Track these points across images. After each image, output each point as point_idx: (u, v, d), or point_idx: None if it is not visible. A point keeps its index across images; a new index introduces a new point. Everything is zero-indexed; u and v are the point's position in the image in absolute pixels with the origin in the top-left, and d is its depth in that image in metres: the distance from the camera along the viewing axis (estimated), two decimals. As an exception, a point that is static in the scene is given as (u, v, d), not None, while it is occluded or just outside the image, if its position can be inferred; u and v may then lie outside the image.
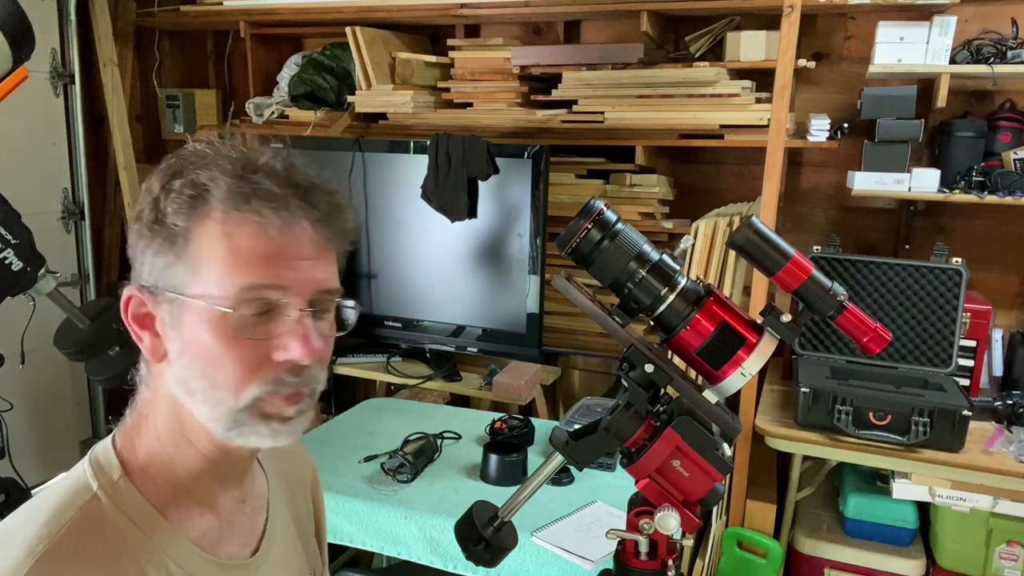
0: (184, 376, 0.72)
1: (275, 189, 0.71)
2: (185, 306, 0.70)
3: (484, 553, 0.93)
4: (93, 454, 0.77)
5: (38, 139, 2.85)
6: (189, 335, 0.71)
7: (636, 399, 0.87)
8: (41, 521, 0.69)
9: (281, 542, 0.88)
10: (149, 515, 0.74)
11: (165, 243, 0.70)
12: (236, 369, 0.70)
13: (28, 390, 2.77)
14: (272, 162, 0.73)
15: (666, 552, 0.89)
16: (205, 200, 0.70)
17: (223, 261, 0.69)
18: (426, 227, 2.46)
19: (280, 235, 0.70)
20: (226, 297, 0.69)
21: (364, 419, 2.21)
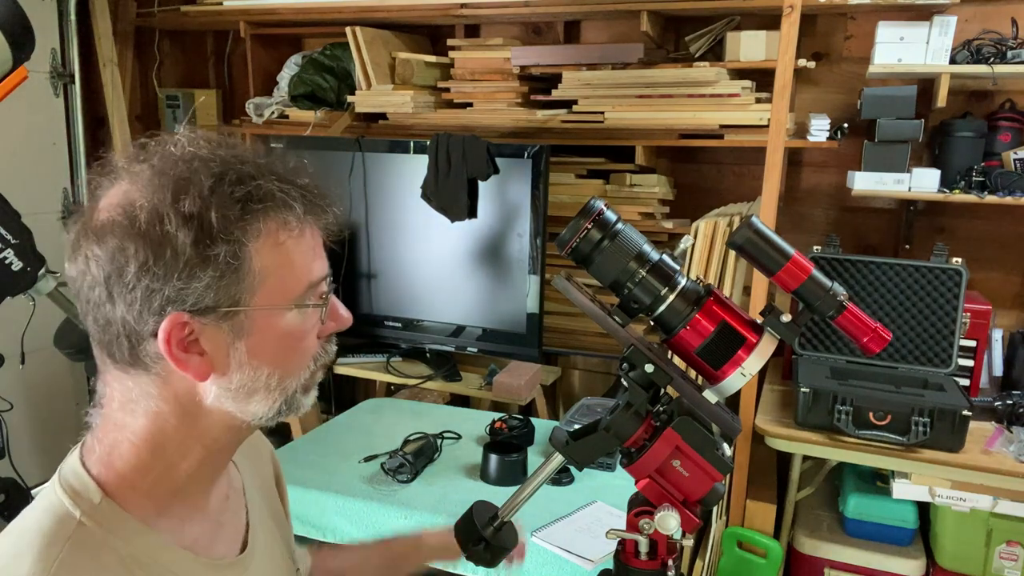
0: (247, 382, 0.72)
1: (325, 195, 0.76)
2: (251, 316, 0.71)
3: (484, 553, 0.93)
4: (63, 480, 0.74)
5: (38, 139, 2.85)
6: (258, 342, 0.72)
7: (636, 399, 0.87)
8: (32, 559, 0.67)
9: (262, 529, 0.89)
10: (139, 531, 0.73)
11: (229, 262, 0.68)
12: (306, 356, 0.76)
13: (28, 390, 2.76)
14: (297, 167, 0.76)
15: (666, 552, 0.89)
16: (271, 211, 0.70)
17: (289, 266, 0.72)
18: (426, 227, 2.46)
19: (314, 233, 0.76)
20: (295, 298, 0.73)
21: (364, 419, 2.21)
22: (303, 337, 0.75)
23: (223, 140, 0.74)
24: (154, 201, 0.67)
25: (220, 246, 0.67)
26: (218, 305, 0.69)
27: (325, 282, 0.77)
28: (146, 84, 3.18)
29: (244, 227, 0.68)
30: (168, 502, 0.76)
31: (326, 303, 0.77)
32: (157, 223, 0.66)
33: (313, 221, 0.75)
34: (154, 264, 0.66)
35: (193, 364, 0.70)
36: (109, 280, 0.67)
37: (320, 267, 0.76)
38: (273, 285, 0.71)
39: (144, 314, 0.68)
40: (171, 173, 0.68)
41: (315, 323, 0.76)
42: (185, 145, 0.71)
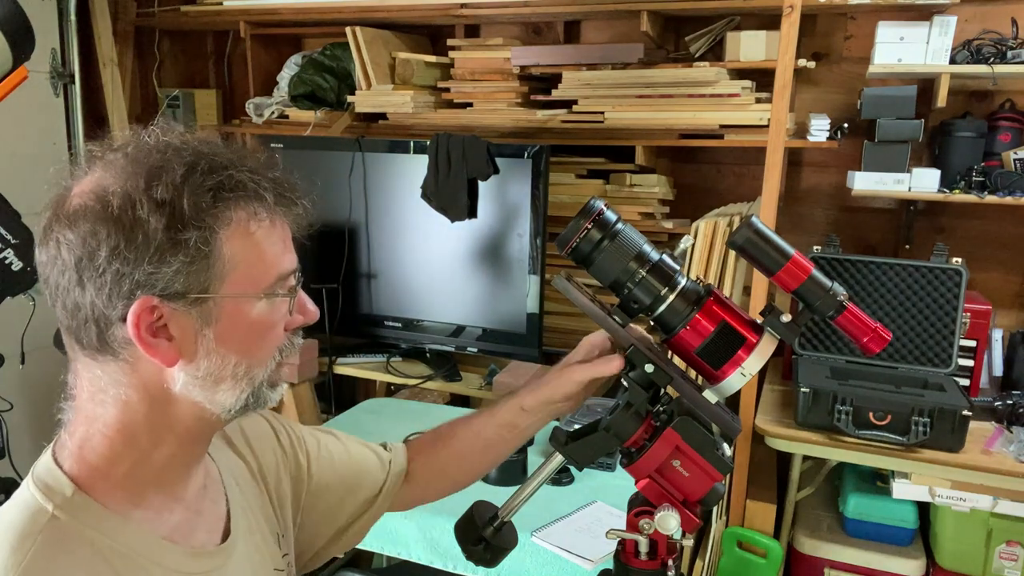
0: (213, 369, 0.73)
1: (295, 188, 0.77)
2: (220, 303, 0.72)
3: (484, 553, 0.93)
4: (36, 477, 0.75)
5: (38, 139, 2.85)
6: (226, 329, 0.73)
7: (636, 399, 0.87)
8: (3, 554, 0.68)
9: (243, 518, 0.89)
10: (115, 523, 0.73)
11: (199, 248, 0.69)
12: (272, 346, 0.77)
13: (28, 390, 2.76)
14: (268, 160, 0.77)
15: (666, 552, 0.89)
16: (242, 200, 0.72)
17: (259, 256, 0.74)
18: (426, 227, 2.46)
19: (284, 226, 0.77)
20: (265, 287, 0.75)
21: (364, 419, 2.22)
22: (270, 327, 0.76)
23: (197, 135, 0.76)
24: (127, 187, 0.68)
25: (191, 232, 0.68)
26: (188, 291, 0.70)
27: (294, 275, 0.78)
28: (146, 84, 3.18)
29: (215, 214, 0.70)
30: (143, 492, 0.76)
31: (294, 295, 0.78)
32: (129, 208, 0.67)
33: (283, 213, 0.76)
34: (125, 248, 0.67)
35: (161, 349, 0.71)
36: (80, 264, 0.68)
37: (289, 260, 0.77)
38: (242, 274, 0.73)
39: (114, 298, 0.69)
40: (145, 161, 0.70)
41: (283, 315, 0.78)
42: (159, 135, 0.74)
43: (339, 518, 1.03)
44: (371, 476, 1.06)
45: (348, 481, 1.04)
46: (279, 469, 0.98)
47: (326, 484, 1.02)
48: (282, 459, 0.99)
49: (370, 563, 2.26)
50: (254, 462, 0.96)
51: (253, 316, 0.74)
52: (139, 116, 3.18)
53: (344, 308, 2.59)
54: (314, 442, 1.04)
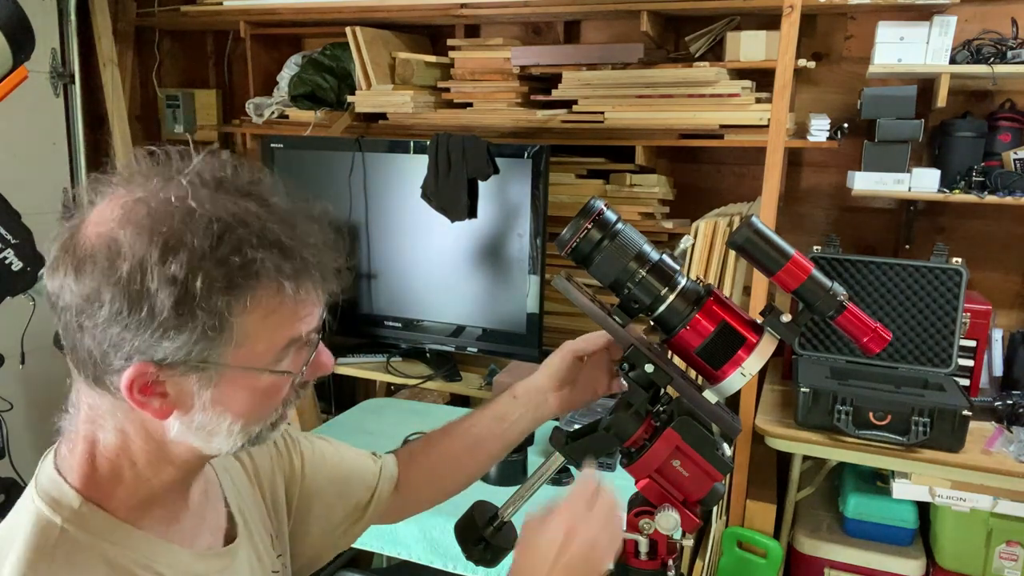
0: (206, 423, 0.72)
1: (319, 261, 0.72)
2: (221, 371, 0.69)
3: (484, 553, 0.93)
4: (40, 489, 0.74)
5: (38, 139, 2.85)
6: (226, 393, 0.71)
7: (636, 399, 0.87)
8: (21, 571, 0.67)
9: (242, 520, 0.89)
10: (123, 531, 0.74)
11: (207, 329, 0.66)
12: (275, 405, 0.75)
13: (28, 390, 2.76)
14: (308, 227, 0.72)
15: (666, 552, 0.89)
16: (260, 285, 0.67)
17: (272, 330, 0.70)
18: (426, 227, 2.46)
19: (310, 295, 0.73)
20: (272, 355, 0.71)
21: (364, 419, 2.22)
22: (276, 392, 0.74)
23: (236, 183, 0.70)
24: (141, 254, 0.64)
25: (200, 314, 0.65)
26: (188, 360, 0.67)
27: (313, 333, 0.75)
28: (146, 84, 3.18)
29: (230, 300, 0.66)
30: (148, 505, 0.76)
31: (310, 352, 0.75)
32: (139, 277, 0.64)
33: (309, 288, 0.72)
34: (128, 316, 0.64)
35: (153, 406, 0.70)
36: (81, 313, 0.66)
37: (307, 324, 0.73)
38: (250, 349, 0.70)
39: (110, 355, 0.67)
40: (166, 225, 0.65)
41: (290, 377, 0.74)
42: (188, 191, 0.67)
43: (331, 520, 1.03)
44: (363, 481, 1.05)
45: (340, 485, 1.04)
46: (274, 470, 0.99)
47: (319, 486, 1.02)
48: (276, 460, 0.99)
49: (370, 563, 2.26)
50: (250, 463, 0.96)
51: (256, 384, 0.72)
52: (139, 116, 3.19)
53: (344, 308, 2.59)
54: (308, 444, 1.04)
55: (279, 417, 0.77)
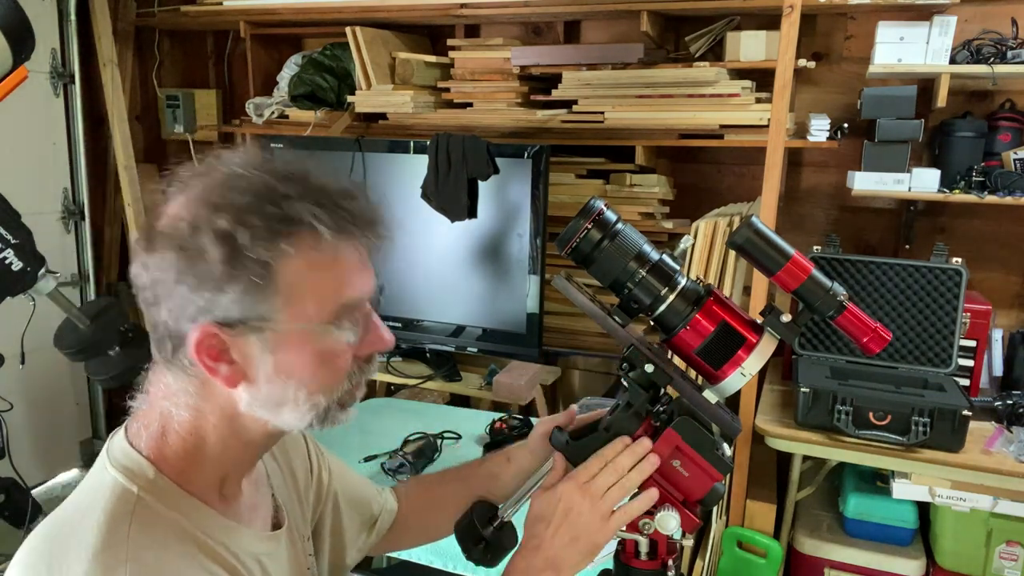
0: (274, 394, 0.75)
1: (357, 213, 0.75)
2: (279, 332, 0.73)
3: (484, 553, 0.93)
4: (114, 460, 0.77)
5: (38, 139, 2.85)
6: (286, 358, 0.74)
7: (636, 399, 0.87)
8: (102, 538, 0.70)
9: (285, 515, 0.92)
10: (193, 505, 0.77)
11: (256, 280, 0.70)
12: (337, 375, 0.77)
13: (28, 390, 2.76)
14: (336, 184, 0.76)
15: (666, 552, 0.89)
16: (300, 233, 0.71)
17: (321, 286, 0.73)
18: (426, 227, 2.46)
19: (355, 254, 0.76)
20: (326, 317, 0.74)
21: (364, 419, 2.21)
22: (334, 357, 0.76)
23: (282, 156, 0.77)
24: (196, 216, 0.70)
25: (247, 264, 0.69)
26: (246, 319, 0.72)
27: (365, 302, 0.78)
28: (146, 84, 3.18)
29: (271, 247, 0.70)
30: (213, 486, 0.79)
31: (356, 326, 0.77)
32: (195, 236, 0.70)
33: (351, 241, 0.75)
34: (189, 275, 0.70)
35: (223, 372, 0.73)
36: (156, 285, 0.72)
37: (357, 288, 0.76)
38: (303, 304, 0.73)
39: (181, 320, 0.72)
40: (215, 190, 0.72)
41: (349, 343, 0.77)
42: (238, 163, 0.74)
43: (344, 539, 1.06)
44: (369, 507, 1.09)
45: (352, 508, 1.07)
46: (307, 478, 1.02)
47: (339, 504, 1.05)
48: (309, 470, 1.03)
49: (370, 563, 2.26)
50: (287, 467, 0.99)
51: (314, 346, 0.74)
52: (139, 116, 3.19)
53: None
54: (334, 460, 1.08)
55: (346, 394, 0.78)
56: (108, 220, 3.18)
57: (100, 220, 3.14)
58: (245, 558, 0.79)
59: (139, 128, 3.18)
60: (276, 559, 0.85)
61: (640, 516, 0.87)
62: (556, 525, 0.84)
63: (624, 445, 0.87)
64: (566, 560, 0.84)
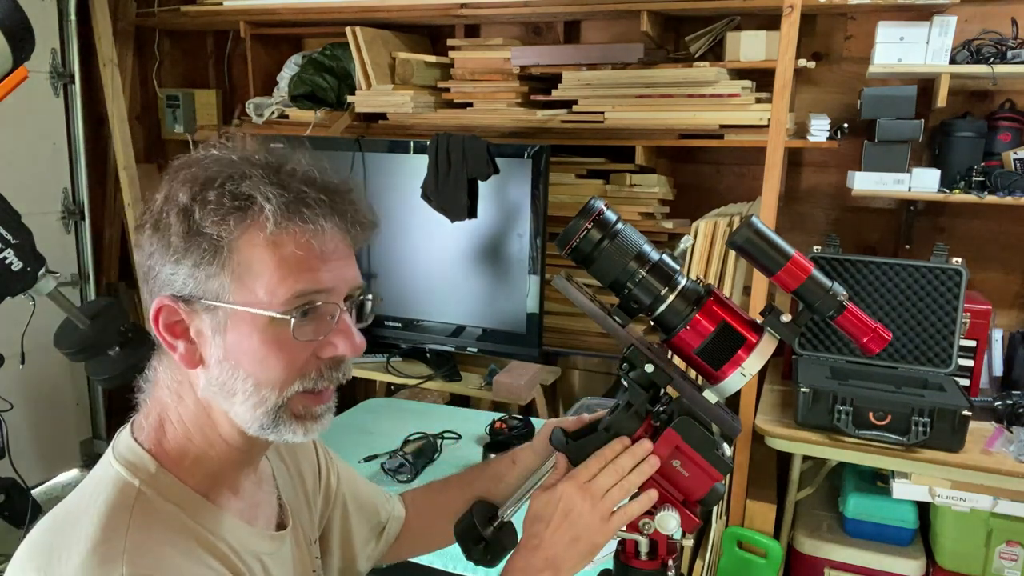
0: (225, 380, 0.74)
1: (319, 196, 0.73)
2: (231, 314, 0.72)
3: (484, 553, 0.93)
4: (118, 454, 0.77)
5: (38, 139, 2.85)
6: (235, 341, 0.73)
7: (636, 399, 0.87)
8: (101, 530, 0.70)
9: (291, 516, 0.92)
10: (194, 499, 0.77)
11: (206, 254, 0.70)
12: (285, 369, 0.74)
13: (28, 390, 2.76)
14: (306, 169, 0.76)
15: (666, 552, 0.89)
16: (251, 210, 0.71)
17: (272, 269, 0.72)
18: (426, 227, 2.46)
19: (319, 240, 0.73)
20: (276, 304, 0.72)
21: (364, 419, 2.21)
22: (281, 349, 0.73)
23: (266, 147, 0.77)
24: (168, 192, 0.73)
25: (201, 239, 0.70)
26: (200, 296, 0.72)
27: (326, 295, 0.74)
28: (146, 84, 3.18)
29: (222, 224, 0.70)
30: (211, 482, 0.79)
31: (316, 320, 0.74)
32: (163, 213, 0.72)
33: (311, 227, 0.72)
34: (157, 248, 0.73)
35: (180, 350, 0.74)
36: (141, 267, 0.75)
37: (321, 279, 0.73)
38: (252, 286, 0.72)
39: (151, 295, 0.75)
40: (190, 168, 0.74)
41: (305, 338, 0.73)
42: (226, 147, 0.76)
43: (354, 545, 1.06)
44: (377, 513, 1.08)
45: (361, 513, 1.07)
46: (315, 481, 1.01)
47: (348, 509, 1.05)
48: (317, 473, 1.02)
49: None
50: (295, 469, 0.99)
51: (262, 333, 0.72)
52: (139, 116, 3.19)
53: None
54: (343, 466, 1.07)
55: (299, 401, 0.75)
56: (108, 220, 3.18)
57: (100, 220, 3.14)
58: (245, 555, 0.79)
59: (139, 128, 3.18)
60: (279, 560, 0.85)
61: (640, 516, 0.87)
62: (556, 525, 0.83)
63: (623, 446, 0.86)
64: (566, 560, 0.83)
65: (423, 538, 1.12)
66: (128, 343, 1.83)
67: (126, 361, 1.82)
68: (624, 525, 0.86)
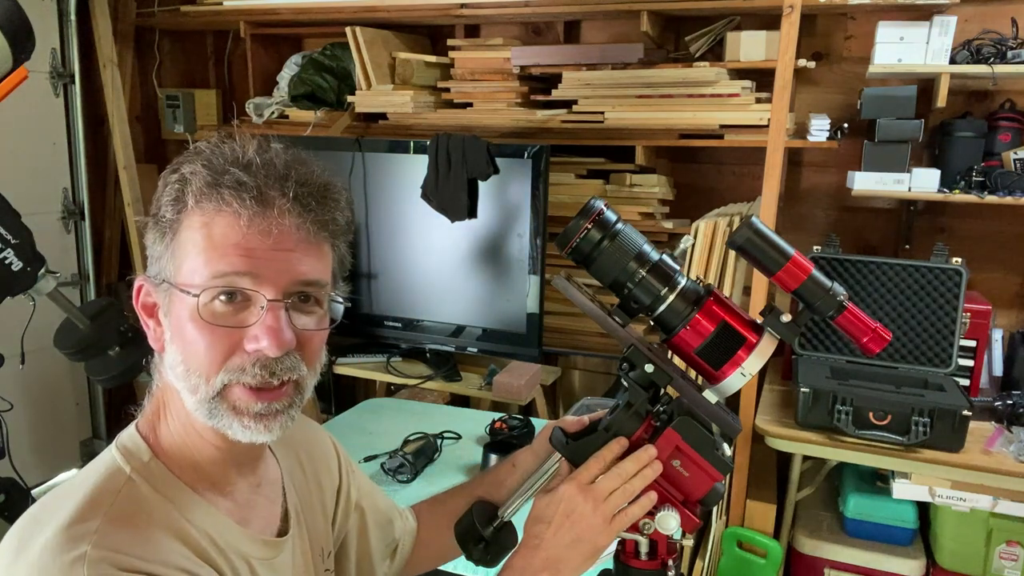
0: (172, 362, 0.76)
1: (244, 179, 0.72)
2: (172, 294, 0.75)
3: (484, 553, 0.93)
4: (119, 441, 0.79)
5: (38, 139, 2.85)
6: (175, 322, 0.75)
7: (636, 399, 0.87)
8: (77, 511, 0.70)
9: (297, 524, 0.91)
10: (183, 492, 0.77)
11: (159, 234, 0.75)
12: (208, 354, 0.73)
13: (28, 390, 2.76)
14: (253, 155, 0.75)
15: (666, 552, 0.89)
16: (184, 192, 0.74)
17: (199, 250, 0.73)
18: (426, 227, 2.46)
19: (253, 225, 0.72)
20: (199, 285, 0.72)
21: (364, 419, 2.21)
22: (201, 330, 0.72)
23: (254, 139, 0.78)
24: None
25: (160, 221, 0.75)
26: (157, 275, 0.76)
27: (251, 281, 0.72)
28: (146, 84, 3.18)
29: (173, 206, 0.74)
30: (201, 477, 0.79)
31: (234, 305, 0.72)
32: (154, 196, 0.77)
33: (228, 210, 0.71)
34: (146, 232, 0.78)
35: (152, 329, 0.78)
36: None
37: (247, 264, 0.71)
38: (183, 266, 0.74)
39: None
40: (177, 158, 0.77)
41: (227, 322, 0.72)
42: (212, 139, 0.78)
43: (372, 561, 1.05)
44: (392, 531, 1.08)
45: (379, 530, 1.06)
46: (334, 492, 1.01)
47: (366, 524, 1.04)
48: (337, 485, 1.02)
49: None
50: (313, 478, 0.98)
51: (188, 314, 0.73)
52: (139, 116, 3.19)
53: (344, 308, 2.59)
54: (364, 480, 1.07)
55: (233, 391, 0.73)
56: (108, 220, 3.18)
57: (100, 220, 3.14)
58: (232, 556, 0.78)
59: (139, 128, 3.18)
60: (273, 567, 0.84)
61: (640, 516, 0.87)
62: (557, 526, 0.83)
63: (621, 447, 0.86)
64: (567, 562, 0.83)
65: (432, 551, 1.11)
66: (128, 343, 1.83)
67: (126, 361, 1.82)
68: (626, 527, 0.86)
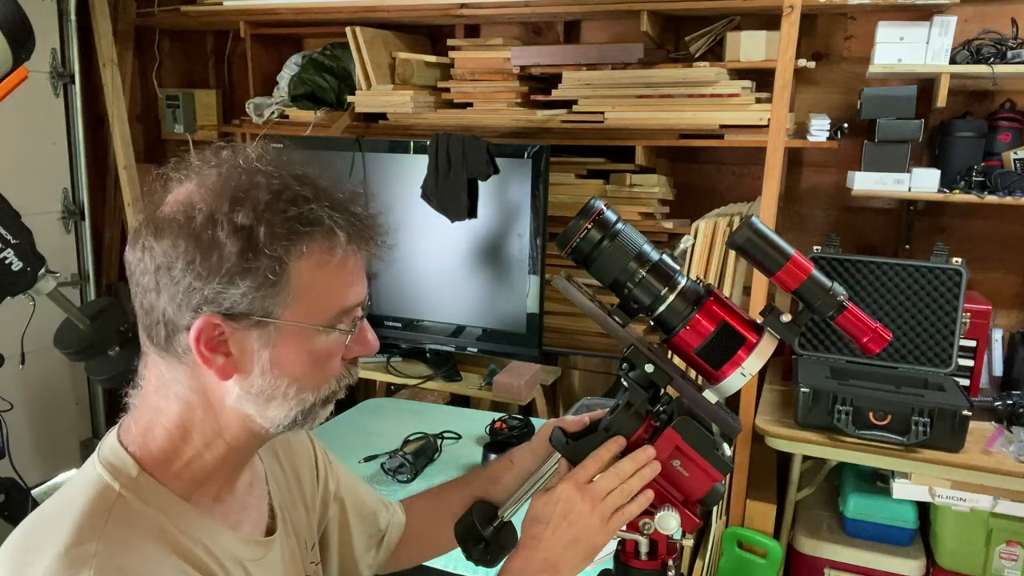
0: (265, 388, 0.75)
1: (375, 225, 0.79)
2: (280, 328, 0.74)
3: (484, 553, 0.93)
4: (102, 457, 0.78)
5: (38, 139, 2.85)
6: (283, 353, 0.75)
7: (636, 399, 0.87)
8: (75, 532, 0.70)
9: (282, 521, 0.92)
10: (176, 504, 0.77)
11: (266, 275, 0.71)
12: (328, 375, 0.79)
13: (28, 390, 2.76)
14: (347, 190, 0.79)
15: (666, 552, 0.89)
16: (314, 235, 0.73)
17: (323, 291, 0.75)
18: (426, 227, 2.46)
19: (357, 261, 0.79)
20: (327, 320, 0.76)
21: (364, 419, 2.21)
22: (327, 358, 0.78)
23: (291, 159, 0.79)
24: (212, 207, 0.71)
25: (263, 260, 0.70)
26: (251, 313, 0.73)
27: (360, 308, 0.79)
28: (146, 84, 3.18)
29: (288, 246, 0.72)
30: (198, 484, 0.79)
31: (353, 329, 0.79)
32: (210, 228, 0.70)
33: (356, 250, 0.78)
34: (200, 265, 0.70)
35: (218, 364, 0.74)
36: (159, 271, 0.72)
37: (356, 294, 0.78)
38: (306, 304, 0.74)
39: (183, 308, 0.72)
40: (234, 182, 0.73)
41: (341, 346, 0.78)
42: (253, 158, 0.76)
43: (353, 551, 1.05)
44: (376, 521, 1.08)
45: (361, 520, 1.06)
46: (313, 484, 1.01)
47: (347, 514, 1.05)
48: (315, 477, 1.02)
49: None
50: (292, 472, 0.98)
51: (310, 345, 0.76)
52: (139, 116, 3.19)
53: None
54: (343, 471, 1.07)
55: (331, 393, 0.80)
56: (108, 220, 3.18)
57: (100, 220, 3.14)
58: (227, 561, 0.79)
59: (139, 128, 3.18)
60: (264, 566, 0.84)
61: (640, 516, 0.87)
62: (555, 526, 0.83)
63: (618, 446, 0.86)
64: (566, 562, 0.83)
65: (424, 544, 1.12)
66: (128, 343, 1.83)
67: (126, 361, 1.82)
68: (624, 526, 0.86)
